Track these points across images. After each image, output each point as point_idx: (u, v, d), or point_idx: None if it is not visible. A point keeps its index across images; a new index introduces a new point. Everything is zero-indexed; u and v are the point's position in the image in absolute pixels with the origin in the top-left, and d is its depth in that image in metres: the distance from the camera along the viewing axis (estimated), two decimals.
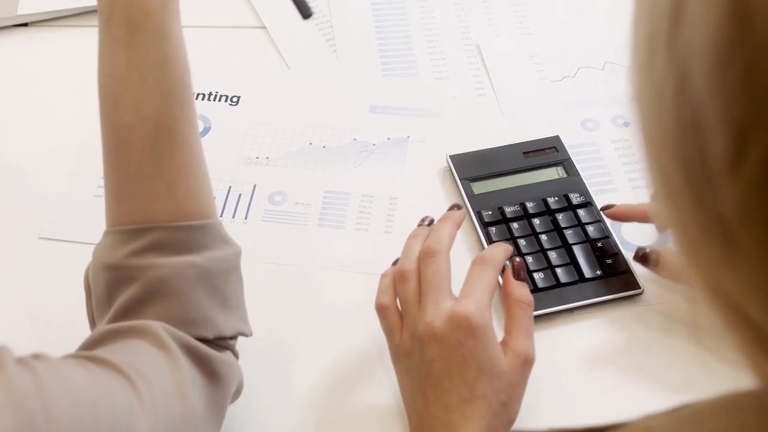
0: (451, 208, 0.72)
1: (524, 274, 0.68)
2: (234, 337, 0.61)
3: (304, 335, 0.75)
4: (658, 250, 0.72)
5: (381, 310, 0.67)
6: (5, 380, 0.44)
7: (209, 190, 0.62)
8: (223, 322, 0.59)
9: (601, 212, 0.80)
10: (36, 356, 0.48)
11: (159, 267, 0.57)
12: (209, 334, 0.58)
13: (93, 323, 0.62)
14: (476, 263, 0.66)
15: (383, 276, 0.69)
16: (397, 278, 0.67)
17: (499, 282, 0.71)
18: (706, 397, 0.37)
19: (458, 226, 0.70)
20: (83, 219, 0.83)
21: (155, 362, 0.53)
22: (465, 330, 0.61)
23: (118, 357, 0.51)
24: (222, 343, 0.60)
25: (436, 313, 0.62)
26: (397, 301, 0.67)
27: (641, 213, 0.77)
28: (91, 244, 0.79)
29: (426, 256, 0.66)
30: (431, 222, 0.72)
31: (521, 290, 0.66)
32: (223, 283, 0.60)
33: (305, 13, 0.68)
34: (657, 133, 0.29)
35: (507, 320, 0.65)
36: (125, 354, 0.53)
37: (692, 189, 0.28)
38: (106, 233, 0.60)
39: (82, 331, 0.66)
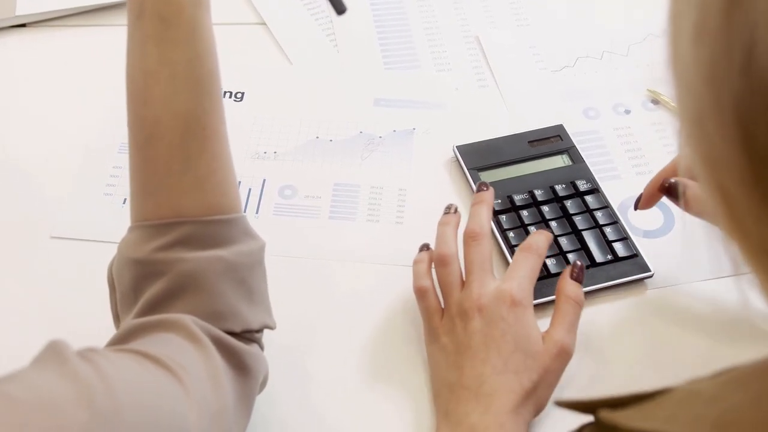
0: (479, 188, 0.75)
1: (582, 277, 0.69)
2: (260, 330, 0.62)
3: (320, 327, 0.75)
4: (686, 182, 0.69)
5: (421, 292, 0.70)
6: (72, 373, 0.44)
7: (235, 183, 0.62)
8: (250, 315, 0.60)
9: (636, 210, 0.77)
10: (91, 350, 0.48)
11: (187, 261, 0.57)
12: (237, 328, 0.59)
13: (117, 318, 0.62)
14: (522, 249, 0.70)
15: (417, 262, 0.72)
16: (437, 263, 0.70)
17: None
18: (748, 361, 0.38)
19: (492, 207, 0.73)
20: (94, 217, 0.83)
21: (189, 355, 0.54)
22: (508, 305, 0.65)
23: (158, 350, 0.52)
24: (249, 336, 0.60)
25: (482, 291, 0.66)
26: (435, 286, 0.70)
27: (669, 170, 0.73)
28: (103, 241, 0.80)
29: (471, 239, 0.70)
30: (456, 209, 0.74)
31: (574, 289, 0.68)
32: (248, 276, 0.60)
33: (339, 8, 0.68)
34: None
35: (554, 313, 0.68)
36: (161, 347, 0.53)
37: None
38: (132, 228, 0.61)
39: (97, 327, 0.66)
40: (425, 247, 0.74)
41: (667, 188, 0.72)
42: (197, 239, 0.58)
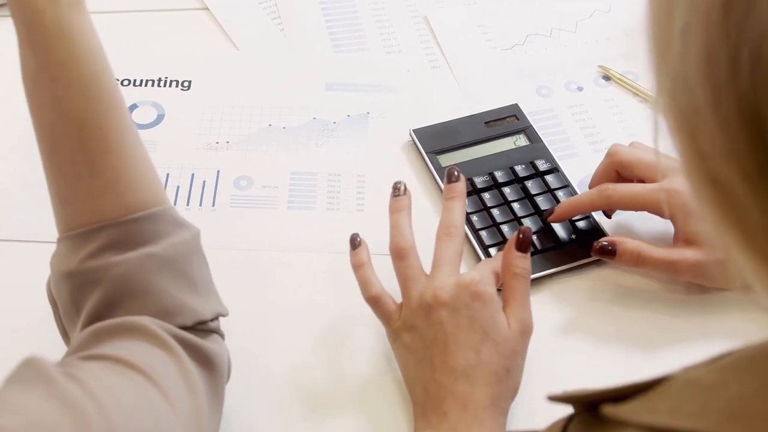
0: (450, 177, 0.71)
1: (527, 246, 0.67)
2: (214, 319, 0.60)
3: (283, 319, 0.74)
4: (613, 240, 0.72)
5: (374, 301, 0.67)
6: (62, 395, 0.42)
7: (154, 177, 0.59)
8: (199, 306, 0.58)
9: (545, 220, 0.78)
10: (71, 365, 0.46)
11: (118, 264, 0.55)
12: (189, 321, 0.57)
13: (65, 335, 0.60)
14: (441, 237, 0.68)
15: (358, 267, 0.69)
16: (395, 256, 0.68)
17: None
18: (744, 345, 0.37)
19: (465, 199, 0.71)
20: (40, 216, 0.79)
21: (161, 360, 0.52)
22: (471, 293, 0.64)
23: (133, 356, 0.50)
24: (204, 327, 0.59)
25: (445, 282, 0.65)
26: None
27: (587, 203, 0.75)
28: (51, 242, 0.76)
29: (445, 236, 0.68)
30: (405, 188, 0.71)
31: (519, 261, 0.66)
32: (187, 267, 0.58)
33: None
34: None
35: (504, 291, 0.67)
36: (132, 353, 0.51)
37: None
38: (59, 241, 0.58)
39: (51, 334, 0.63)
40: (357, 242, 0.70)
41: (599, 250, 0.72)
42: (123, 240, 0.56)
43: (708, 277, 0.72)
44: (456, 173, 0.71)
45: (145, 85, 0.92)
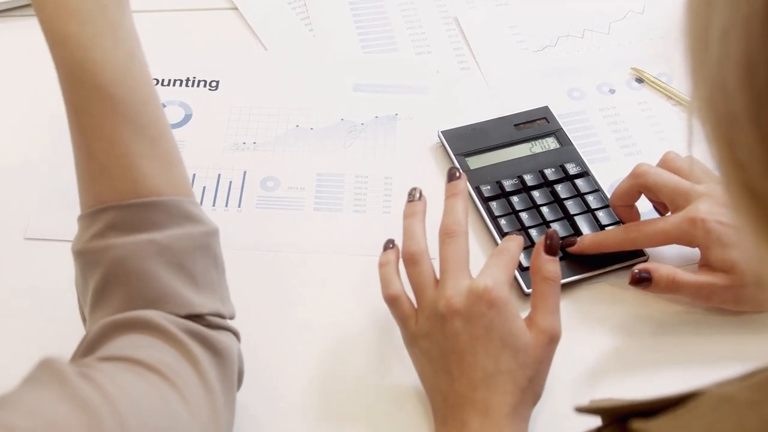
0: (451, 176, 0.70)
1: (556, 249, 0.65)
2: (220, 316, 0.59)
3: (309, 322, 0.73)
4: (647, 268, 0.70)
5: (392, 300, 0.66)
6: (76, 396, 0.42)
7: (165, 167, 0.59)
8: (196, 299, 0.57)
9: (565, 249, 0.75)
10: (87, 365, 0.45)
11: (116, 247, 0.55)
12: (180, 311, 0.56)
13: (84, 317, 0.61)
14: (493, 254, 0.66)
15: (383, 265, 0.68)
16: (406, 262, 0.66)
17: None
18: None
19: (467, 197, 0.69)
20: (68, 215, 0.79)
21: (175, 359, 0.52)
22: (486, 302, 0.61)
23: (148, 355, 0.49)
24: (215, 322, 0.57)
25: (457, 290, 0.62)
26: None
27: (612, 244, 0.74)
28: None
29: (446, 237, 0.66)
30: (421, 194, 0.70)
31: (549, 266, 0.64)
32: (187, 260, 0.57)
33: None
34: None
35: (533, 296, 0.65)
36: (147, 351, 0.51)
37: None
38: (77, 220, 0.59)
39: (75, 333, 0.63)
40: (390, 244, 0.69)
41: (635, 280, 0.70)
42: (126, 224, 0.56)
43: (740, 301, 0.70)
44: (457, 173, 0.70)
45: (173, 85, 0.91)
